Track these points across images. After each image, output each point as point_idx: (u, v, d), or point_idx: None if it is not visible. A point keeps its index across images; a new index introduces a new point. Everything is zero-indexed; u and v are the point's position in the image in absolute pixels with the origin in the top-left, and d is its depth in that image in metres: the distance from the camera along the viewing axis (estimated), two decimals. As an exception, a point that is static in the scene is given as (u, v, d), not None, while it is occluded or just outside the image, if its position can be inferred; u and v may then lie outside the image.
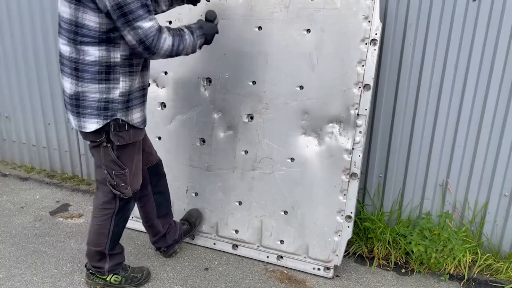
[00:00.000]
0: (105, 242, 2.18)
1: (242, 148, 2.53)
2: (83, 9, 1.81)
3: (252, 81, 2.46)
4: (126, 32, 1.82)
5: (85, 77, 1.89)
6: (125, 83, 1.94)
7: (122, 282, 2.30)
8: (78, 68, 1.89)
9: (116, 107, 1.95)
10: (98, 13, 1.80)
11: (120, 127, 1.99)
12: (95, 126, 1.94)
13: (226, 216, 2.63)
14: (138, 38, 1.82)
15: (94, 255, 2.22)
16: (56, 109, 3.52)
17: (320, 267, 2.46)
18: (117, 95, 1.94)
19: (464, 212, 2.57)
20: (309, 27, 2.30)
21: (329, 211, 2.39)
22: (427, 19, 2.37)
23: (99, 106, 1.92)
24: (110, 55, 1.87)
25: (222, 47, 2.47)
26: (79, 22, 1.83)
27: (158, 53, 1.90)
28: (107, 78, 1.90)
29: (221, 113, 2.55)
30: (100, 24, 1.82)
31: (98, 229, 2.17)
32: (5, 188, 3.50)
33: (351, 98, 2.27)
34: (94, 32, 1.83)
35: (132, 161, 2.11)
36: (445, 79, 2.42)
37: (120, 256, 2.30)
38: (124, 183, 2.08)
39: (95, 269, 2.25)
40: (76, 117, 1.97)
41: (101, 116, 1.93)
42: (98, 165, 2.09)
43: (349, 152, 2.32)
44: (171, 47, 1.92)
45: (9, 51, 3.54)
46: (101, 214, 2.16)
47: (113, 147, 2.01)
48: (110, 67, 1.89)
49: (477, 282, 2.43)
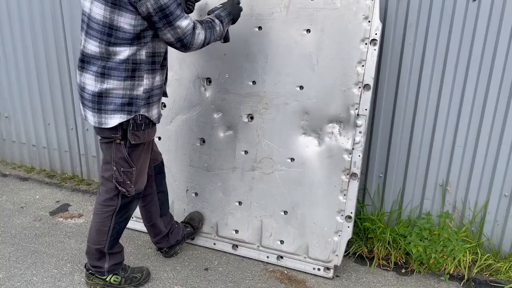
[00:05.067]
0: (104, 240, 2.18)
1: (242, 148, 2.53)
2: (119, 12, 1.83)
3: (252, 81, 2.46)
4: (166, 31, 1.91)
5: (111, 75, 1.92)
6: (148, 80, 2.00)
7: (122, 282, 2.30)
8: (105, 66, 1.91)
9: (140, 103, 1.99)
10: (134, 15, 1.84)
11: (138, 126, 2.02)
12: (118, 121, 1.97)
13: (226, 216, 2.63)
14: (177, 37, 1.94)
15: (94, 253, 2.22)
16: (56, 109, 3.53)
17: (320, 267, 2.46)
18: (141, 91, 1.98)
19: (464, 212, 2.57)
20: (309, 27, 2.30)
21: (329, 211, 2.39)
22: (427, 19, 2.37)
23: (123, 103, 1.95)
24: (137, 53, 1.92)
25: (222, 47, 2.47)
26: (114, 25, 1.85)
27: (192, 48, 2.02)
28: (133, 76, 1.94)
29: (221, 113, 2.55)
30: (134, 27, 1.86)
31: (98, 227, 2.18)
32: (5, 188, 3.50)
33: (351, 98, 2.27)
34: (129, 34, 1.87)
35: (140, 161, 2.14)
36: (445, 79, 2.42)
37: (119, 255, 2.30)
38: (129, 181, 2.11)
39: (95, 269, 2.25)
40: (97, 114, 1.98)
41: (125, 112, 1.97)
42: (107, 161, 2.11)
43: (349, 152, 2.31)
44: (203, 41, 2.03)
45: (9, 51, 3.55)
46: (102, 211, 2.16)
47: (126, 144, 2.04)
48: (136, 64, 1.93)
49: (477, 282, 2.43)
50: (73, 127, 3.51)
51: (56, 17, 3.25)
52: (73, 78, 3.35)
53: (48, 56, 3.39)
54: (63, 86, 3.42)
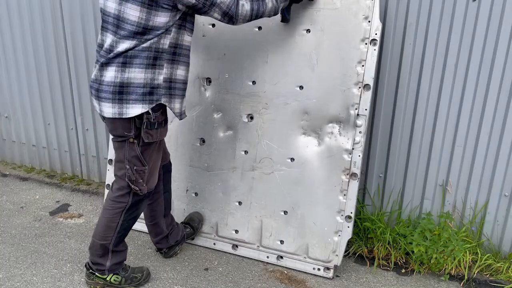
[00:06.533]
0: (111, 236, 2.18)
1: (242, 148, 2.53)
2: (155, 12, 1.84)
3: (252, 81, 2.46)
4: (212, 12, 1.94)
5: (133, 63, 1.92)
6: (167, 70, 2.00)
7: (122, 282, 2.30)
8: (127, 55, 1.91)
9: (161, 92, 2.00)
10: (169, 13, 1.86)
11: (151, 125, 2.03)
12: (140, 111, 1.97)
13: (226, 216, 2.63)
14: (222, 11, 1.95)
15: (98, 248, 2.21)
16: (56, 109, 3.53)
17: (320, 267, 2.46)
18: (161, 80, 1.99)
19: (464, 212, 2.57)
20: (309, 27, 2.30)
21: (329, 211, 2.39)
22: (427, 19, 2.37)
23: (144, 92, 1.96)
24: (160, 41, 1.93)
25: (222, 47, 2.47)
26: (149, 25, 1.87)
27: (239, 20, 2.01)
28: (154, 64, 1.95)
29: (221, 113, 2.55)
30: (167, 23, 1.88)
31: (107, 222, 2.18)
32: (5, 188, 3.50)
33: (350, 98, 2.27)
34: (161, 30, 1.89)
35: (152, 159, 2.15)
36: (445, 79, 2.42)
37: (122, 254, 2.30)
38: (141, 180, 2.13)
39: (96, 266, 2.25)
40: (117, 104, 1.97)
41: (146, 101, 1.97)
42: (120, 159, 2.12)
43: (349, 152, 2.32)
44: (250, 11, 2.01)
45: (9, 51, 3.55)
46: (112, 207, 2.17)
47: (139, 143, 2.05)
48: (158, 53, 1.94)
49: (477, 282, 2.43)
50: (73, 127, 3.51)
51: (56, 17, 3.25)
52: (73, 78, 3.35)
53: (48, 56, 3.39)
54: (63, 86, 3.42)
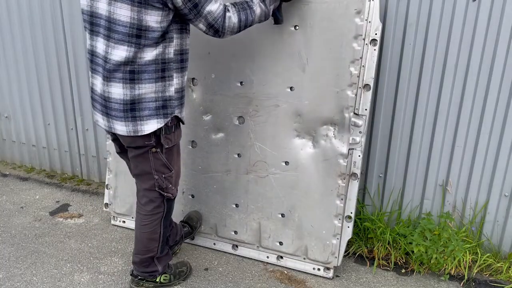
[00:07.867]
0: (156, 246, 2.18)
1: (235, 151, 2.49)
2: (145, 10, 1.73)
3: (240, 81, 2.37)
4: (197, 21, 1.83)
5: (142, 79, 1.83)
6: (178, 80, 1.94)
7: (172, 279, 2.31)
8: (134, 70, 1.82)
9: (174, 104, 1.94)
10: (161, 12, 1.75)
11: (169, 130, 1.98)
12: (156, 126, 1.90)
13: (224, 218, 2.62)
14: (208, 23, 1.84)
15: (145, 261, 2.20)
16: (56, 109, 3.52)
17: (320, 267, 2.45)
18: (173, 92, 1.92)
19: (464, 212, 2.57)
20: (297, 23, 2.20)
21: (326, 215, 2.36)
22: (427, 19, 2.36)
23: (157, 106, 1.89)
24: (165, 51, 1.85)
25: (205, 45, 2.36)
26: (143, 25, 1.75)
27: (226, 33, 1.91)
28: (163, 76, 1.88)
29: (210, 115, 2.49)
30: (160, 23, 1.77)
31: (148, 236, 2.16)
32: (5, 188, 3.50)
33: (345, 100, 2.19)
34: (157, 33, 1.78)
35: (176, 162, 2.13)
36: (445, 79, 2.41)
37: (168, 254, 2.31)
38: (171, 185, 2.11)
39: (148, 274, 2.23)
40: (131, 123, 1.89)
41: (161, 116, 1.91)
42: (146, 172, 2.04)
43: (344, 157, 2.26)
44: (237, 23, 1.91)
45: (9, 51, 3.54)
46: (151, 220, 2.14)
47: (162, 150, 2.00)
48: (165, 64, 1.86)
49: (477, 282, 2.43)
50: (73, 127, 3.51)
51: (56, 17, 3.25)
52: (73, 78, 3.35)
53: (48, 56, 3.39)
54: (63, 86, 3.42)
